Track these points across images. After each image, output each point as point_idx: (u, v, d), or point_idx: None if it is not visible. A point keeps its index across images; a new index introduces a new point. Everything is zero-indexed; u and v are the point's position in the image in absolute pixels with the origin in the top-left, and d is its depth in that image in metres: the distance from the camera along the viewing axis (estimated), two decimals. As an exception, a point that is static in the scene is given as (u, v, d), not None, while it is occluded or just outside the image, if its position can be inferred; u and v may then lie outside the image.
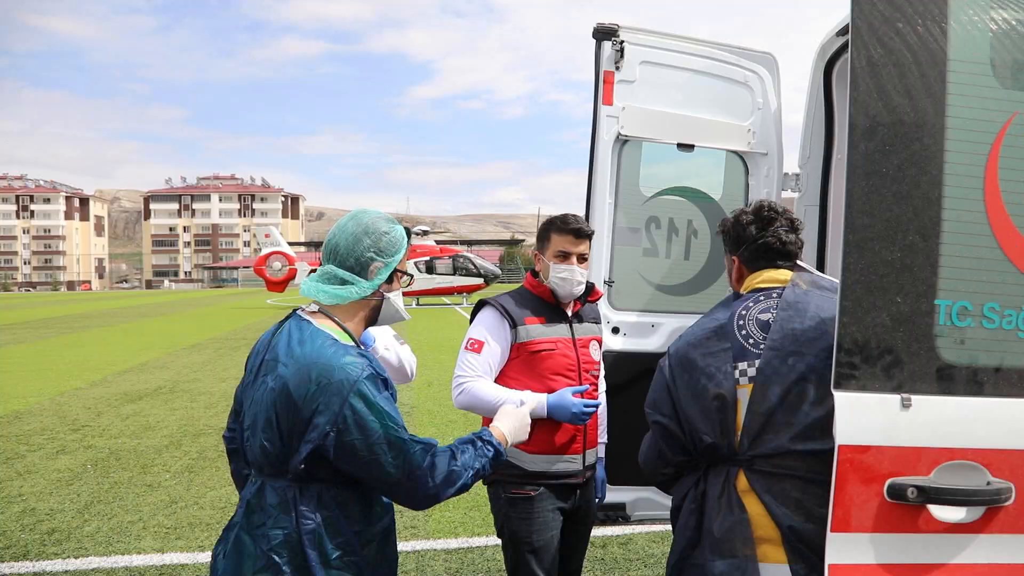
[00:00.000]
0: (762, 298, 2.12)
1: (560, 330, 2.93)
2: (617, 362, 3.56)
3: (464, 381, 2.80)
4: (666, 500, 3.64)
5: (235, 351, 16.67)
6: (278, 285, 37.95)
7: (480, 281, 36.33)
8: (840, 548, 1.83)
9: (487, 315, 2.91)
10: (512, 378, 2.86)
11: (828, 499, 1.81)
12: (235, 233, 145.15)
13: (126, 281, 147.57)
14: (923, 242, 1.88)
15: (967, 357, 1.89)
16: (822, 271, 3.63)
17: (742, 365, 2.01)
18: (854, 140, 1.90)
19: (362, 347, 2.02)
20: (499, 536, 2.95)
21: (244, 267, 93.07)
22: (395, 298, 2.13)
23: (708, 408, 2.00)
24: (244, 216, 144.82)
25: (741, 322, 2.08)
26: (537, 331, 2.88)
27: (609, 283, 3.62)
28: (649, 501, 3.58)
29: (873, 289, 1.86)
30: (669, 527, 2.53)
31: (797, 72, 3.96)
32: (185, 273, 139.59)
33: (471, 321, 2.98)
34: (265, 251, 37.99)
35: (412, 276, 2.26)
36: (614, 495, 3.68)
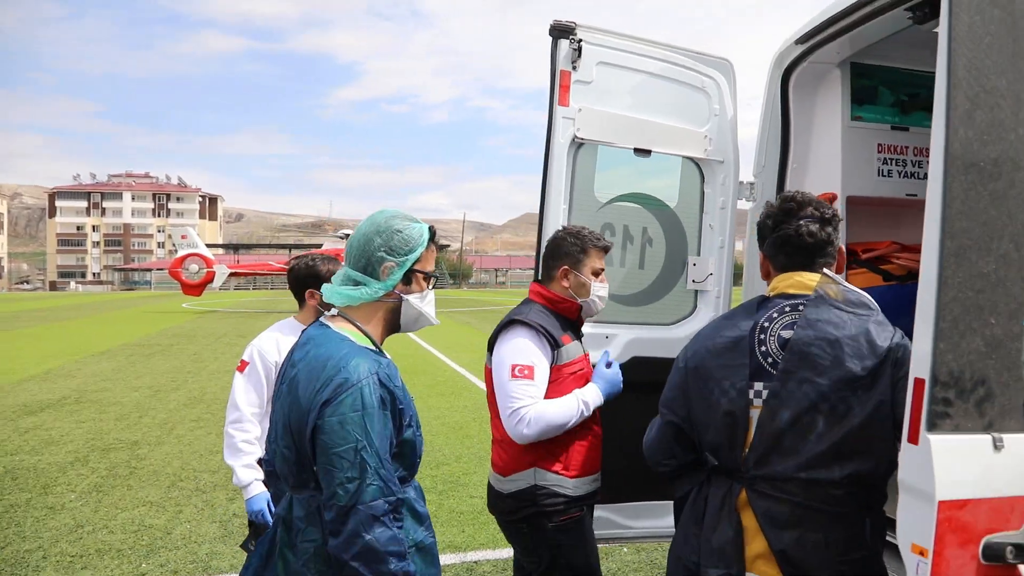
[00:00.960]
0: (788, 309, 2.02)
1: (581, 347, 2.85)
2: None
3: (525, 411, 2.55)
4: (619, 518, 3.50)
5: (149, 358, 15.78)
6: (195, 288, 36.36)
7: (408, 286, 35.79)
8: None
9: (529, 337, 2.66)
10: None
11: (825, 525, 1.82)
12: (148, 234, 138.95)
13: (27, 282, 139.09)
14: (1016, 252, 1.66)
15: None
16: (773, 283, 3.58)
17: (757, 385, 1.96)
18: (952, 126, 1.66)
19: (381, 351, 1.93)
20: (550, 570, 2.69)
21: (158, 269, 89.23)
22: (416, 301, 2.02)
23: (719, 422, 1.99)
24: (159, 216, 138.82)
25: (762, 336, 2.01)
26: (570, 351, 2.75)
27: (564, 292, 3.45)
28: (605, 520, 3.42)
29: (970, 308, 1.62)
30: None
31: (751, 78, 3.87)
32: (94, 275, 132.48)
33: (494, 342, 2.75)
34: (182, 253, 36.29)
35: (437, 277, 2.12)
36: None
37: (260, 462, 3.16)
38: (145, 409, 9.99)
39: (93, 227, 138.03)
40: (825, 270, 2.10)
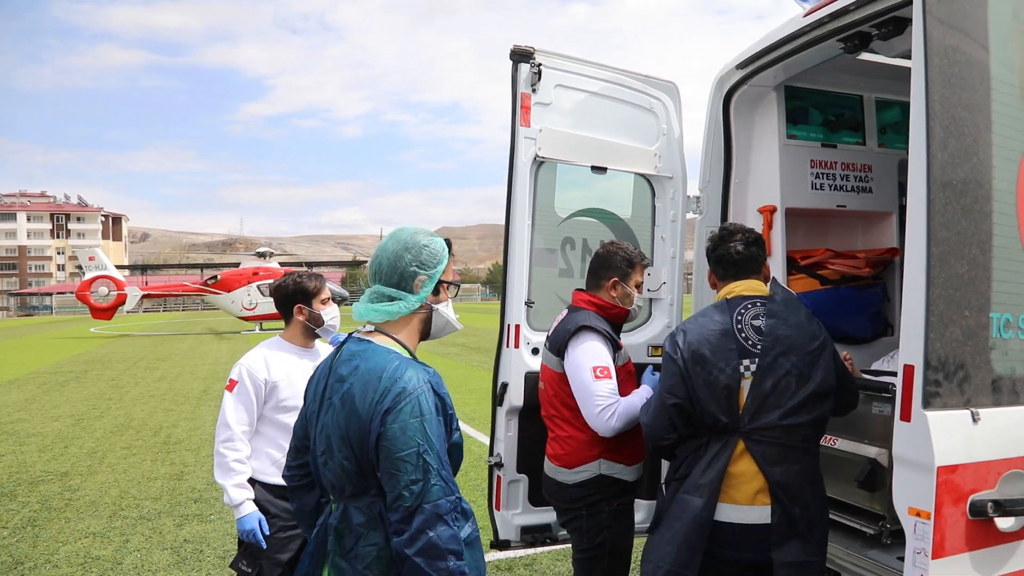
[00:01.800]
0: (750, 306, 2.68)
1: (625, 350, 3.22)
2: (538, 383, 3.55)
3: (613, 407, 2.91)
4: None
5: (63, 386, 14.99)
6: (105, 312, 34.61)
7: (329, 304, 35.11)
8: (941, 573, 1.89)
9: (599, 341, 3.00)
10: None
11: (800, 457, 2.51)
12: (47, 256, 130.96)
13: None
14: (982, 256, 1.97)
15: (1009, 368, 1.99)
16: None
17: (745, 361, 2.59)
18: (932, 151, 1.95)
19: (418, 360, 2.06)
20: (589, 548, 3.07)
21: (59, 293, 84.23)
22: (444, 309, 2.17)
23: (718, 395, 2.57)
24: (57, 237, 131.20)
25: (740, 326, 2.64)
26: (624, 353, 3.17)
27: (529, 304, 3.62)
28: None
29: (951, 303, 1.91)
30: (568, 545, 3.41)
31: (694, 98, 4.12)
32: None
33: (563, 347, 3.03)
34: (89, 275, 34.46)
35: (459, 286, 2.28)
36: (539, 516, 3.67)
37: (253, 483, 3.16)
38: (69, 439, 9.54)
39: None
40: (774, 276, 2.76)
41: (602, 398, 2.91)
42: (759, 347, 2.59)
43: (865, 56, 3.85)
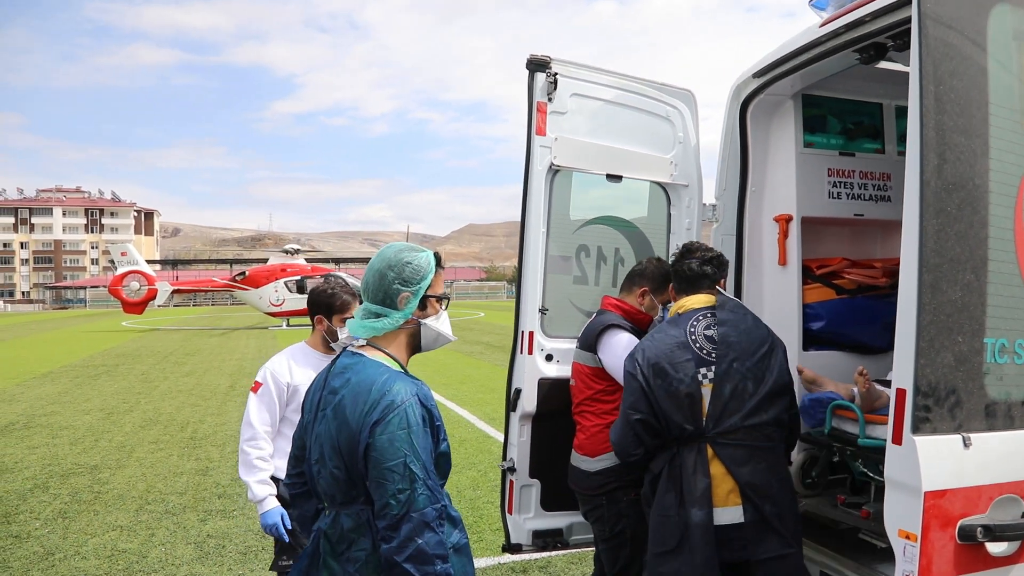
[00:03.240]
0: (700, 318, 2.88)
1: None
2: (552, 390, 3.60)
3: None
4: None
5: (95, 379, 15.35)
6: (136, 307, 35.29)
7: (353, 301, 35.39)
8: None
9: (628, 336, 3.25)
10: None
11: (765, 455, 2.69)
12: (81, 250, 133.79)
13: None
14: (976, 281, 1.98)
15: (1004, 392, 1.99)
16: (739, 294, 3.87)
17: (703, 370, 2.77)
18: (925, 177, 1.97)
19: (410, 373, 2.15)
20: (611, 537, 3.24)
21: (92, 287, 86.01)
22: (433, 323, 2.23)
23: (681, 404, 2.74)
24: (92, 232, 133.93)
25: (694, 337, 2.83)
26: None
27: (543, 311, 3.66)
28: (585, 525, 3.62)
29: (942, 329, 1.92)
30: (584, 549, 3.77)
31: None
32: (23, 293, 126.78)
33: (596, 344, 3.26)
34: (122, 270, 35.18)
35: (448, 298, 2.33)
36: (551, 521, 3.71)
37: (276, 481, 3.27)
38: (100, 432, 9.78)
39: (21, 244, 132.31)
40: (718, 287, 2.98)
41: None
42: (714, 355, 2.78)
43: (885, 64, 3.83)
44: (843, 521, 3.31)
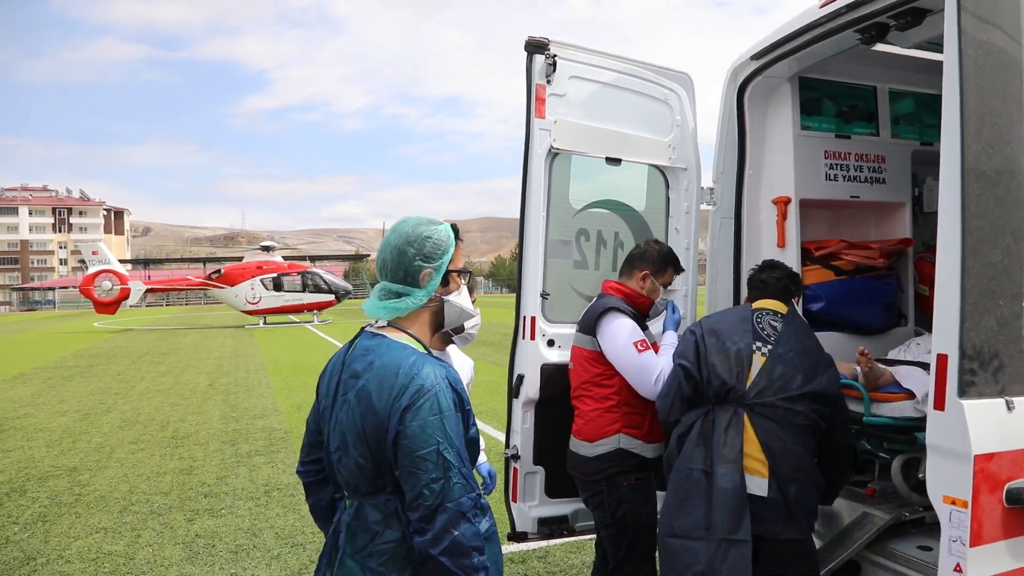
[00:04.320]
0: (767, 314, 3.00)
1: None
2: (554, 375, 3.55)
3: (664, 374, 3.10)
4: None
5: (69, 380, 15.02)
6: (108, 307, 34.63)
7: (331, 297, 35.10)
8: (978, 561, 1.92)
9: (628, 321, 3.19)
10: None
11: (790, 435, 2.70)
12: (49, 251, 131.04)
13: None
14: (1015, 245, 1.99)
15: None
16: (738, 278, 3.85)
17: (759, 343, 2.88)
18: (966, 142, 1.97)
19: (434, 354, 2.05)
20: (612, 523, 3.20)
21: (62, 287, 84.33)
22: (456, 299, 2.13)
23: (729, 360, 2.84)
24: (59, 232, 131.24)
25: (759, 321, 2.97)
26: (649, 336, 3.30)
27: (544, 296, 3.62)
28: (589, 512, 3.58)
29: (984, 293, 1.94)
30: (583, 537, 3.85)
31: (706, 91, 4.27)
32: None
33: (595, 327, 3.21)
34: (93, 269, 34.48)
35: (471, 273, 2.24)
36: (556, 508, 3.68)
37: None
38: (77, 434, 9.56)
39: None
40: (792, 301, 3.12)
41: (655, 368, 3.11)
42: (773, 338, 2.88)
43: (879, 47, 3.83)
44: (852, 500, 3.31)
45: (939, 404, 2.04)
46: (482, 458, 3.18)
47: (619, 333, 3.15)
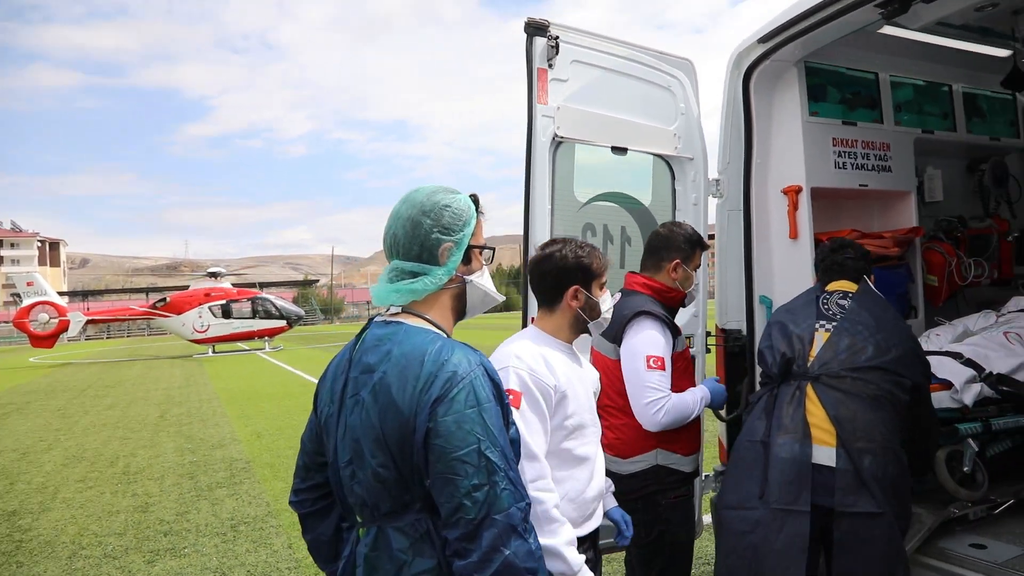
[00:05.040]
0: (836, 295, 2.94)
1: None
2: None
3: (662, 401, 2.74)
4: None
5: (4, 419, 14.03)
6: (46, 340, 32.91)
7: (283, 323, 34.13)
8: None
9: (657, 329, 2.83)
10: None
11: (858, 405, 2.57)
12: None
13: None
14: None
15: None
16: (749, 271, 3.65)
17: (822, 322, 2.85)
18: None
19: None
20: (647, 543, 2.89)
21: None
22: (479, 280, 1.81)
23: (791, 341, 2.83)
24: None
25: (825, 302, 2.92)
26: (682, 339, 3.00)
27: (552, 296, 3.34)
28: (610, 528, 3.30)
29: None
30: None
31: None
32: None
33: (623, 334, 2.84)
34: (28, 301, 32.82)
35: (493, 249, 1.91)
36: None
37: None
38: (15, 475, 8.83)
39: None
40: (864, 278, 3.00)
41: (652, 390, 2.75)
42: (839, 316, 2.81)
43: (885, 30, 3.73)
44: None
45: None
46: (610, 501, 2.55)
47: (641, 342, 2.80)
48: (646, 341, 2.79)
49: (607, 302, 2.44)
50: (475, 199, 1.85)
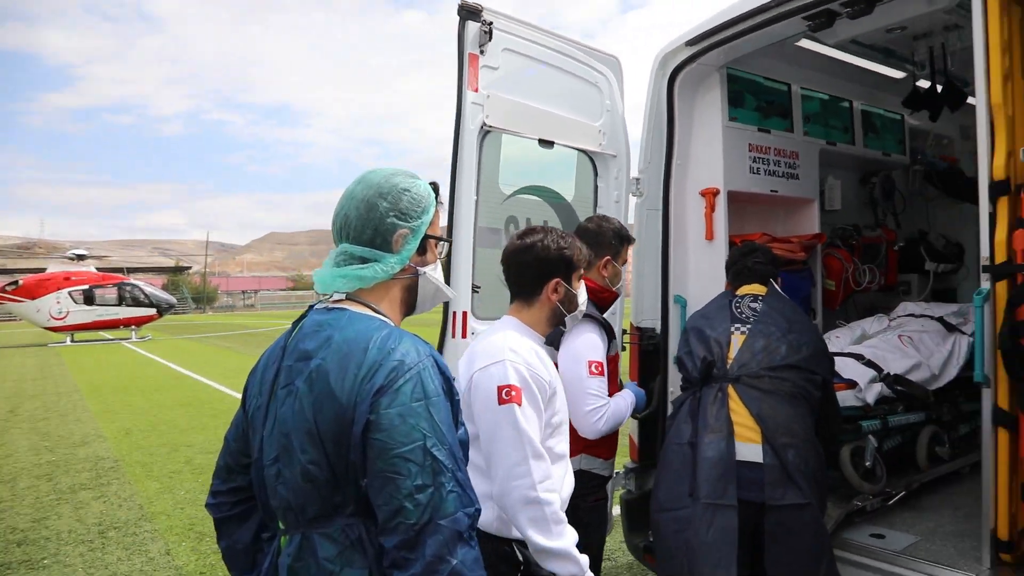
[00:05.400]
0: (747, 298, 3.04)
1: None
2: None
3: (603, 409, 2.66)
4: None
5: None
6: None
7: (152, 312, 31.92)
8: None
9: (597, 333, 2.73)
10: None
11: (777, 403, 2.68)
12: None
13: None
14: None
15: None
16: (666, 270, 3.70)
17: (737, 325, 2.95)
18: None
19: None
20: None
21: None
22: (432, 272, 1.70)
23: (710, 345, 2.91)
24: None
25: (738, 306, 3.02)
26: (615, 342, 2.93)
27: (476, 289, 3.24)
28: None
29: None
30: None
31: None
32: None
33: (562, 337, 2.74)
34: None
35: (450, 241, 1.77)
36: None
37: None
38: None
39: None
40: (772, 281, 3.12)
41: (594, 397, 2.66)
42: (752, 319, 2.92)
43: (801, 43, 3.87)
44: None
45: None
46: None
47: (583, 346, 2.69)
48: (588, 345, 2.68)
49: (583, 294, 2.37)
50: (435, 187, 1.73)
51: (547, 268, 2.25)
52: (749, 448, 2.62)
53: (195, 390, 13.57)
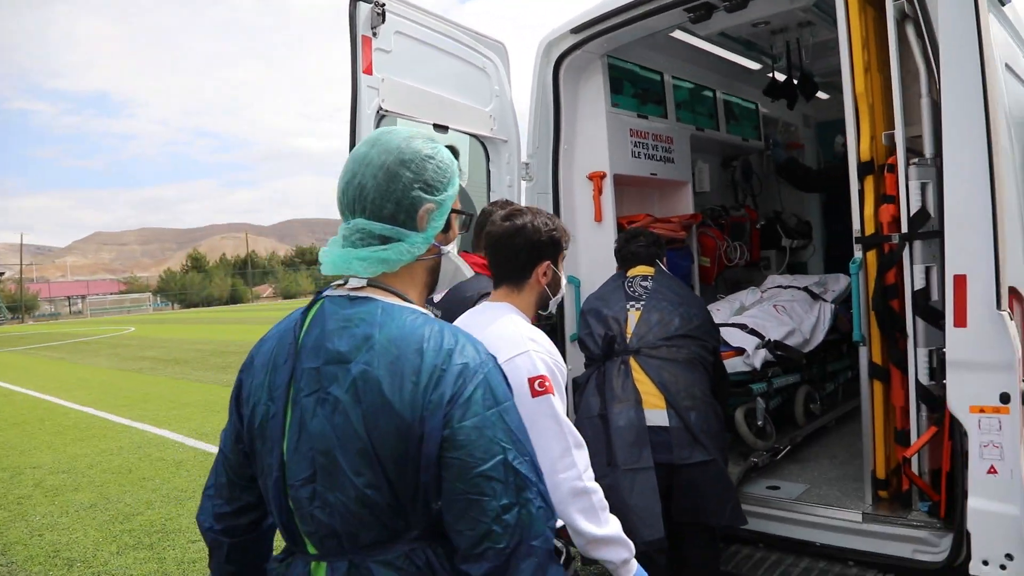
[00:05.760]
0: (639, 279, 3.21)
1: None
2: None
3: None
4: None
5: None
6: None
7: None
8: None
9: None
10: None
11: (688, 373, 2.86)
12: None
13: None
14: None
15: None
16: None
17: (631, 303, 3.12)
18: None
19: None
20: None
21: None
22: (453, 251, 1.53)
23: (608, 323, 3.06)
24: None
25: (631, 286, 3.19)
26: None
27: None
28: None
29: None
30: None
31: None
32: None
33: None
34: None
35: (471, 215, 1.63)
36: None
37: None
38: None
39: None
40: (658, 262, 3.29)
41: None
42: (644, 296, 3.11)
43: (675, 35, 4.09)
44: None
45: (960, 322, 2.21)
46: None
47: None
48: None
49: (563, 277, 2.30)
50: (456, 153, 1.53)
51: (539, 251, 2.11)
52: (655, 413, 2.80)
53: (29, 407, 12.24)
